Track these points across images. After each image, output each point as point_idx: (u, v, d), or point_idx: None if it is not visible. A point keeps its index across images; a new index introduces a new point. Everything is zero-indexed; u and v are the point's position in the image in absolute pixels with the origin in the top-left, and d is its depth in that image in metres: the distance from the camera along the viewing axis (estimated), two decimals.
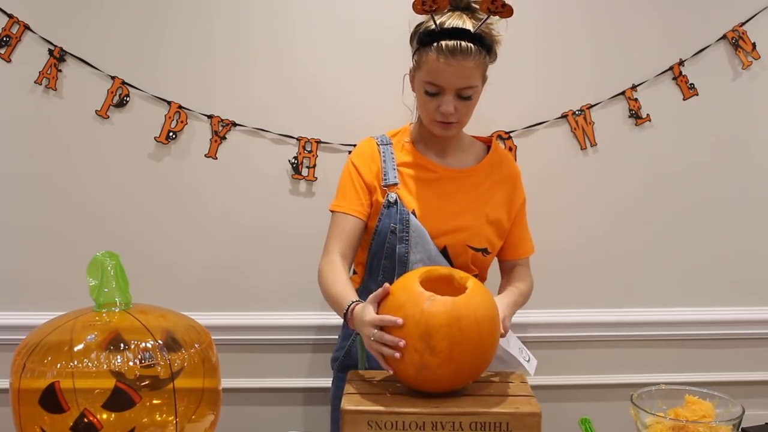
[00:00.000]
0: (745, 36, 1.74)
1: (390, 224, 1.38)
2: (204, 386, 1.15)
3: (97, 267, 1.14)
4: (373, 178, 1.41)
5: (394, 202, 1.38)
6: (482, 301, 1.12)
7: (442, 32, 1.28)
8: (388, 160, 1.42)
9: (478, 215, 1.41)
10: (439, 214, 1.40)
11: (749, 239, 1.82)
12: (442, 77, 1.30)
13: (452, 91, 1.31)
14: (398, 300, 1.11)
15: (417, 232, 1.37)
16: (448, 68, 1.28)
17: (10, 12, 1.67)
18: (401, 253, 1.38)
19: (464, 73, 1.29)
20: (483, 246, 1.43)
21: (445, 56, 1.27)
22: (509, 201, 1.46)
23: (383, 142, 1.45)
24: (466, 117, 1.38)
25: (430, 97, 1.33)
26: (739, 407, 1.09)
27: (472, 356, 1.08)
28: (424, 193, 1.40)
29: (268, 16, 1.71)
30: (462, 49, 1.27)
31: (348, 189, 1.42)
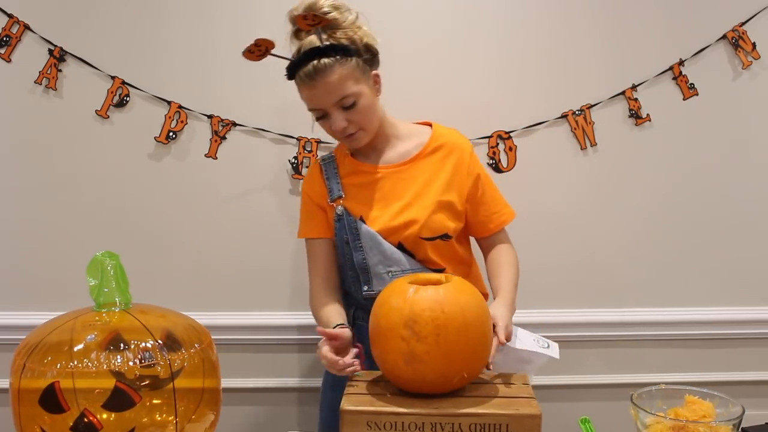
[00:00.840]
0: (745, 36, 1.74)
1: (343, 236, 1.40)
2: (204, 386, 1.15)
3: (97, 267, 1.14)
4: (321, 199, 1.44)
5: (341, 214, 1.40)
6: (465, 288, 1.14)
7: (296, 62, 1.30)
8: (331, 177, 1.44)
9: (424, 205, 1.39)
10: (385, 213, 1.40)
11: (749, 239, 1.82)
12: (315, 101, 1.32)
13: (332, 107, 1.32)
14: (384, 294, 1.15)
15: (367, 236, 1.39)
16: (314, 91, 1.30)
17: (10, 12, 1.67)
18: (359, 260, 1.40)
19: (330, 88, 1.29)
20: (438, 234, 1.40)
21: (306, 83, 1.30)
22: (459, 180, 1.42)
23: (325, 160, 1.47)
24: (366, 122, 1.35)
25: (322, 121, 1.36)
26: (739, 407, 1.09)
27: (459, 341, 1.08)
28: (367, 197, 1.41)
29: (268, 16, 1.71)
30: (317, 68, 1.27)
31: (305, 215, 1.47)
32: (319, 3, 1.30)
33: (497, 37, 1.73)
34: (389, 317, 1.11)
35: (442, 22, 1.72)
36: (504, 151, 1.76)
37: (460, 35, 1.73)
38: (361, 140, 1.37)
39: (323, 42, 1.28)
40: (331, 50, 1.28)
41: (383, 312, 1.13)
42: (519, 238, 1.79)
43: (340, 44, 1.29)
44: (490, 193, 1.47)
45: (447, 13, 1.72)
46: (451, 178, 1.42)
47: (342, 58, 1.29)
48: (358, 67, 1.32)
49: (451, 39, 1.73)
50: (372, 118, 1.36)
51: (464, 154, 1.44)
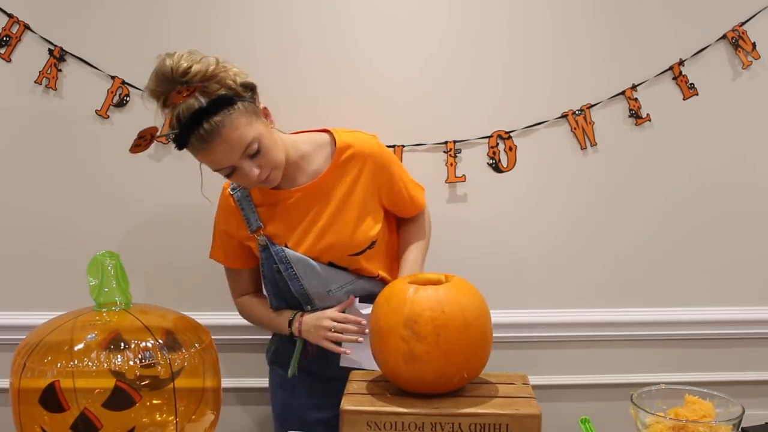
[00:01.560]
0: (745, 36, 1.74)
1: (273, 265, 1.37)
2: (204, 386, 1.15)
3: (97, 267, 1.14)
4: (240, 231, 1.40)
5: (264, 244, 1.37)
6: (465, 288, 1.14)
7: (183, 131, 1.19)
8: (246, 207, 1.39)
9: (345, 224, 1.37)
10: (308, 236, 1.37)
11: (749, 239, 1.82)
12: (218, 161, 1.23)
13: (239, 160, 1.23)
14: (384, 295, 1.15)
15: (298, 261, 1.36)
16: (214, 153, 1.21)
17: (10, 12, 1.67)
18: (297, 288, 1.37)
19: (231, 144, 1.20)
20: (365, 246, 1.39)
21: (202, 147, 1.20)
22: (377, 184, 1.40)
23: (236, 190, 1.40)
24: (275, 160, 1.28)
25: (232, 176, 1.27)
26: (739, 407, 1.09)
27: (459, 341, 1.08)
28: (287, 223, 1.37)
29: (268, 15, 1.71)
30: (209, 130, 1.18)
31: (221, 243, 1.45)
32: (177, 66, 1.20)
33: (497, 37, 1.73)
34: (389, 317, 1.11)
35: (443, 23, 1.72)
36: (504, 151, 1.76)
37: (460, 35, 1.73)
38: (276, 179, 1.31)
39: (202, 101, 1.18)
40: (214, 105, 1.18)
41: (383, 312, 1.13)
42: (519, 238, 1.80)
43: (219, 96, 1.20)
44: (402, 184, 1.44)
45: (447, 13, 1.72)
46: (369, 186, 1.38)
47: (228, 109, 1.19)
48: (246, 110, 1.23)
49: (452, 39, 1.73)
50: (278, 154, 1.29)
51: (375, 157, 1.39)
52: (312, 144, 1.40)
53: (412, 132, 1.74)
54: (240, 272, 1.47)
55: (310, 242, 1.37)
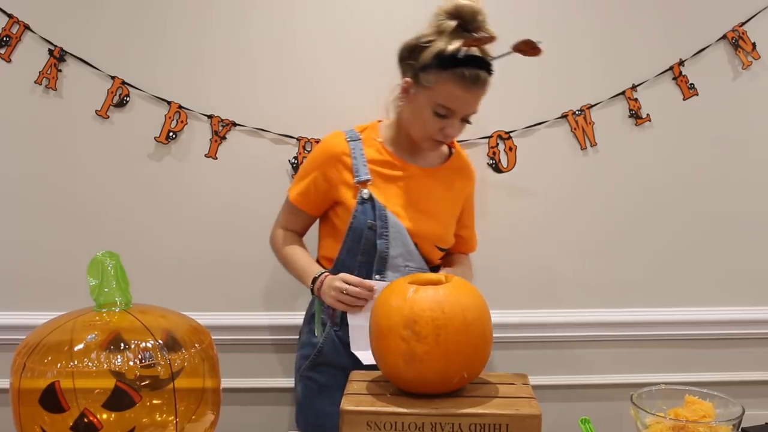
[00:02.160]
0: (745, 36, 1.74)
1: (366, 220, 1.39)
2: (204, 386, 1.15)
3: (97, 267, 1.14)
4: (342, 178, 1.42)
5: (368, 198, 1.39)
6: (466, 288, 1.14)
7: (466, 59, 1.29)
8: (358, 157, 1.42)
9: (445, 216, 1.47)
10: (410, 212, 1.42)
11: (749, 239, 1.82)
12: (458, 103, 1.33)
13: (461, 115, 1.36)
14: (384, 294, 1.16)
15: (396, 227, 1.40)
16: (466, 95, 1.32)
17: (10, 12, 1.67)
18: (381, 248, 1.40)
19: (477, 100, 1.35)
20: (447, 246, 1.49)
21: (465, 84, 1.30)
22: (462, 203, 1.53)
23: (352, 138, 1.45)
24: (458, 135, 1.42)
25: (437, 118, 1.35)
26: (739, 407, 1.09)
27: (459, 341, 1.08)
28: (395, 191, 1.43)
29: (267, 16, 1.71)
30: (481, 78, 1.31)
31: (308, 186, 1.46)
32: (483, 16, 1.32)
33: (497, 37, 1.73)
34: (389, 317, 1.11)
35: None
36: (504, 151, 1.76)
37: None
38: (443, 144, 1.44)
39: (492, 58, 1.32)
40: (490, 68, 1.33)
41: (383, 312, 1.13)
42: (519, 238, 1.80)
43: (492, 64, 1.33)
44: (473, 220, 1.57)
45: None
46: (458, 197, 1.50)
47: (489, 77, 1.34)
48: None
49: None
50: None
51: (472, 180, 1.54)
52: None
53: None
54: (301, 214, 1.51)
55: (410, 218, 1.42)
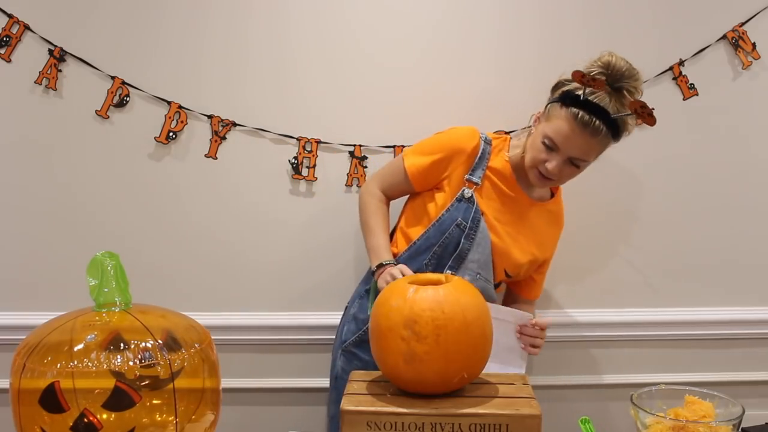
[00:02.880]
0: (745, 36, 1.74)
1: (457, 218, 1.43)
2: (204, 386, 1.15)
3: (97, 267, 1.14)
4: (459, 167, 1.46)
5: (469, 198, 1.44)
6: (466, 288, 1.15)
7: (585, 103, 1.32)
8: (482, 160, 1.47)
9: (529, 250, 1.50)
10: (501, 229, 1.47)
11: (749, 239, 1.82)
12: (563, 141, 1.35)
13: (566, 155, 1.36)
14: (384, 294, 1.16)
15: (483, 235, 1.44)
16: (573, 136, 1.33)
17: (10, 12, 1.67)
18: (464, 248, 1.43)
19: (585, 147, 1.35)
20: (512, 275, 1.52)
21: (575, 125, 1.32)
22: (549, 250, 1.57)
23: (486, 141, 1.50)
24: (566, 180, 1.44)
25: (544, 148, 1.38)
26: (739, 407, 1.09)
27: (459, 341, 1.08)
28: (498, 206, 1.47)
29: (267, 16, 1.71)
30: (594, 126, 1.31)
31: (430, 163, 1.48)
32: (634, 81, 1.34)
33: (497, 36, 1.73)
34: (389, 317, 1.11)
35: (442, 22, 1.72)
36: None
37: (459, 36, 1.73)
38: (545, 186, 1.45)
39: (615, 110, 1.32)
40: (613, 126, 1.33)
41: (383, 312, 1.13)
42: None
43: (619, 123, 1.34)
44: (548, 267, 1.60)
45: (446, 12, 1.72)
46: (545, 239, 1.53)
47: (611, 133, 1.34)
48: (610, 143, 1.38)
49: (451, 39, 1.73)
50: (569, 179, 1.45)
51: (560, 228, 1.58)
52: None
53: (412, 132, 1.74)
54: (406, 184, 1.52)
55: (499, 234, 1.46)
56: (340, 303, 1.74)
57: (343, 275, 1.77)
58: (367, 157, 1.75)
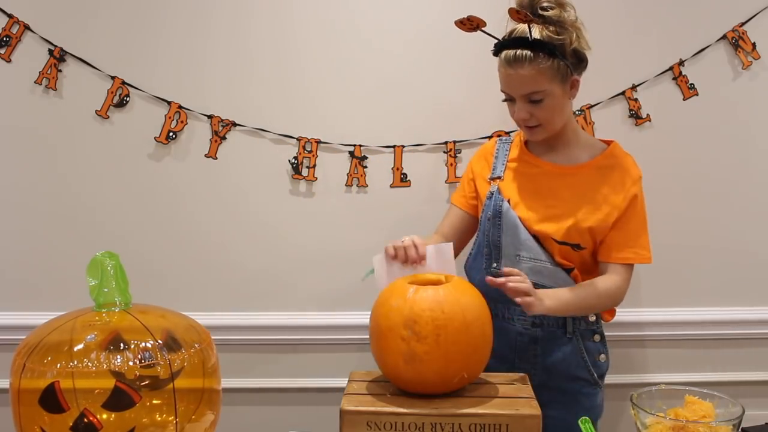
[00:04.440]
0: (745, 36, 1.74)
1: (488, 212, 1.46)
2: (204, 386, 1.15)
3: (97, 267, 1.14)
4: (482, 173, 1.52)
5: (493, 192, 1.47)
6: (466, 288, 1.15)
7: (504, 42, 1.35)
8: (500, 156, 1.51)
9: (570, 213, 1.42)
10: (529, 205, 1.44)
11: (749, 239, 1.82)
12: (507, 85, 1.38)
13: (520, 97, 1.36)
14: (384, 294, 1.16)
15: (508, 217, 1.44)
16: (509, 77, 1.35)
17: (10, 12, 1.67)
18: (494, 237, 1.45)
19: (524, 80, 1.33)
20: (570, 242, 1.42)
21: (505, 65, 1.35)
22: (612, 204, 1.42)
23: (503, 141, 1.55)
24: (548, 120, 1.38)
25: (508, 103, 1.41)
26: (739, 407, 1.09)
27: (459, 342, 1.08)
28: (521, 185, 1.47)
29: (267, 16, 1.71)
30: (518, 57, 1.32)
31: (462, 180, 1.58)
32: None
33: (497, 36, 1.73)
34: (389, 317, 1.11)
35: (443, 23, 1.72)
36: None
37: (460, 35, 1.72)
38: (538, 135, 1.42)
39: (532, 36, 1.31)
40: (537, 46, 1.31)
41: (383, 312, 1.13)
42: None
43: (548, 43, 1.31)
44: (634, 226, 1.43)
45: (446, 12, 1.72)
46: (604, 198, 1.42)
47: (543, 57, 1.31)
48: (557, 69, 1.33)
49: (452, 39, 1.72)
50: (555, 118, 1.39)
51: (628, 176, 1.43)
52: (588, 141, 1.49)
53: (412, 132, 1.75)
54: (454, 209, 1.56)
55: (527, 209, 1.44)
56: (340, 303, 1.75)
57: (342, 275, 1.77)
58: (367, 157, 1.75)
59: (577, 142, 1.46)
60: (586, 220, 1.41)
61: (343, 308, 1.77)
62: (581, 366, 1.46)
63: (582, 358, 1.46)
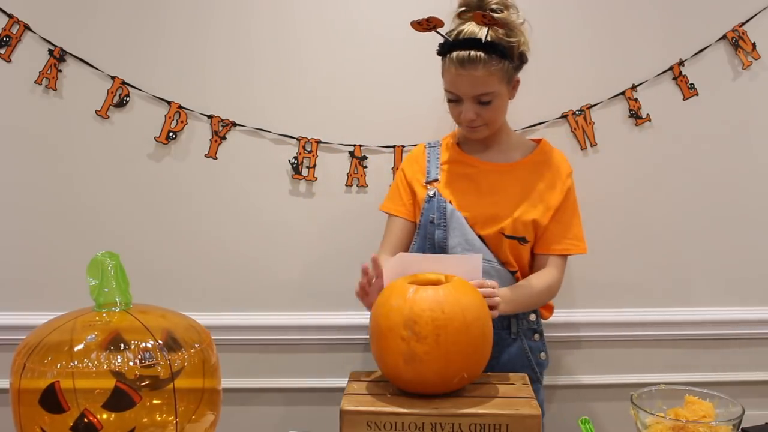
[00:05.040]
0: (745, 36, 1.74)
1: (429, 216, 1.45)
2: (204, 386, 1.15)
3: (97, 267, 1.14)
4: (416, 177, 1.50)
5: (432, 195, 1.45)
6: (466, 289, 1.15)
7: (455, 43, 1.34)
8: (432, 160, 1.51)
9: (514, 207, 1.44)
10: (475, 204, 1.45)
11: (749, 239, 1.82)
12: (457, 86, 1.36)
13: (469, 98, 1.37)
14: (384, 294, 1.16)
15: (454, 218, 1.43)
16: (460, 78, 1.34)
17: (10, 12, 1.67)
18: (439, 238, 1.43)
19: (476, 81, 1.34)
20: (518, 235, 1.44)
21: (456, 66, 1.33)
22: (550, 197, 1.46)
23: (431, 145, 1.54)
24: (492, 119, 1.41)
25: (453, 104, 1.40)
26: (739, 407, 1.09)
27: (459, 342, 1.08)
28: (462, 186, 1.47)
29: (267, 15, 1.71)
30: (471, 58, 1.32)
31: (394, 190, 1.55)
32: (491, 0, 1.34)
33: None
34: (389, 317, 1.11)
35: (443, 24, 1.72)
36: None
37: None
38: (481, 134, 1.43)
39: (486, 38, 1.32)
40: (490, 48, 1.32)
41: (383, 312, 1.13)
42: None
43: (500, 45, 1.33)
44: (569, 217, 1.48)
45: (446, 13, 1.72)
46: (543, 192, 1.46)
47: (495, 58, 1.33)
48: (506, 70, 1.36)
49: None
50: (499, 117, 1.43)
51: (561, 171, 1.48)
52: (520, 141, 1.53)
53: (412, 132, 1.75)
54: (394, 221, 1.52)
55: (475, 211, 1.44)
56: (340, 303, 1.74)
57: (342, 275, 1.77)
58: (367, 157, 1.75)
59: (509, 141, 1.51)
60: (529, 213, 1.44)
61: (343, 308, 1.77)
62: (526, 365, 1.49)
63: (527, 357, 1.49)
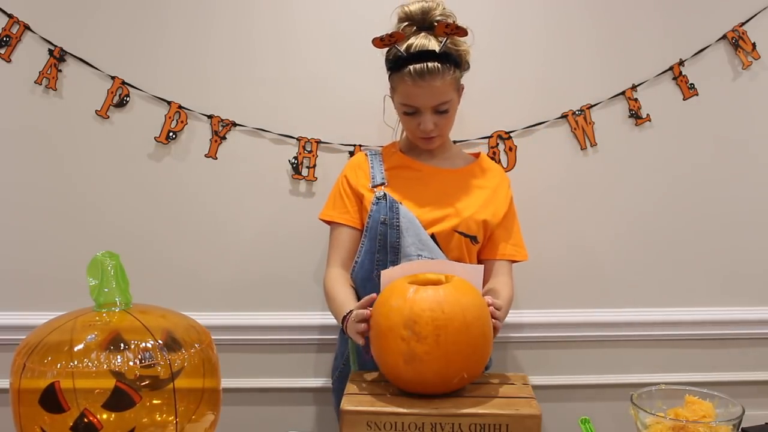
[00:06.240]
0: (745, 36, 1.74)
1: (380, 216, 1.43)
2: (204, 386, 1.15)
3: (97, 267, 1.14)
4: (361, 183, 1.47)
5: (382, 196, 1.44)
6: (466, 289, 1.14)
7: (410, 57, 1.34)
8: (375, 166, 1.50)
9: (464, 207, 1.45)
10: (426, 203, 1.45)
11: (749, 239, 1.82)
12: (416, 99, 1.37)
13: (428, 109, 1.38)
14: (385, 294, 1.16)
15: (407, 218, 1.42)
16: (419, 90, 1.35)
17: (10, 12, 1.67)
18: (393, 240, 1.42)
19: (435, 91, 1.35)
20: (470, 233, 1.45)
21: (414, 79, 1.34)
22: (497, 202, 1.49)
23: (372, 153, 1.53)
24: (447, 128, 1.44)
25: (409, 117, 1.41)
26: (739, 407, 1.09)
27: (459, 342, 1.08)
28: (411, 187, 1.46)
29: (268, 15, 1.71)
30: (429, 70, 1.32)
31: (336, 198, 1.51)
32: (436, 10, 1.36)
33: (498, 37, 1.73)
34: (389, 317, 1.11)
35: None
36: (504, 151, 1.76)
37: None
38: (435, 143, 1.45)
39: (441, 48, 1.33)
40: (446, 58, 1.34)
41: (383, 312, 1.13)
42: None
43: (452, 54, 1.35)
44: (511, 224, 1.52)
45: None
46: (490, 197, 1.48)
47: (449, 68, 1.35)
48: (458, 79, 1.39)
49: None
50: (451, 125, 1.45)
51: (504, 180, 1.53)
52: (460, 152, 1.57)
53: None
54: (342, 231, 1.48)
55: (425, 209, 1.44)
56: None
57: None
58: None
59: (452, 150, 1.54)
60: (480, 213, 1.45)
61: None
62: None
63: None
